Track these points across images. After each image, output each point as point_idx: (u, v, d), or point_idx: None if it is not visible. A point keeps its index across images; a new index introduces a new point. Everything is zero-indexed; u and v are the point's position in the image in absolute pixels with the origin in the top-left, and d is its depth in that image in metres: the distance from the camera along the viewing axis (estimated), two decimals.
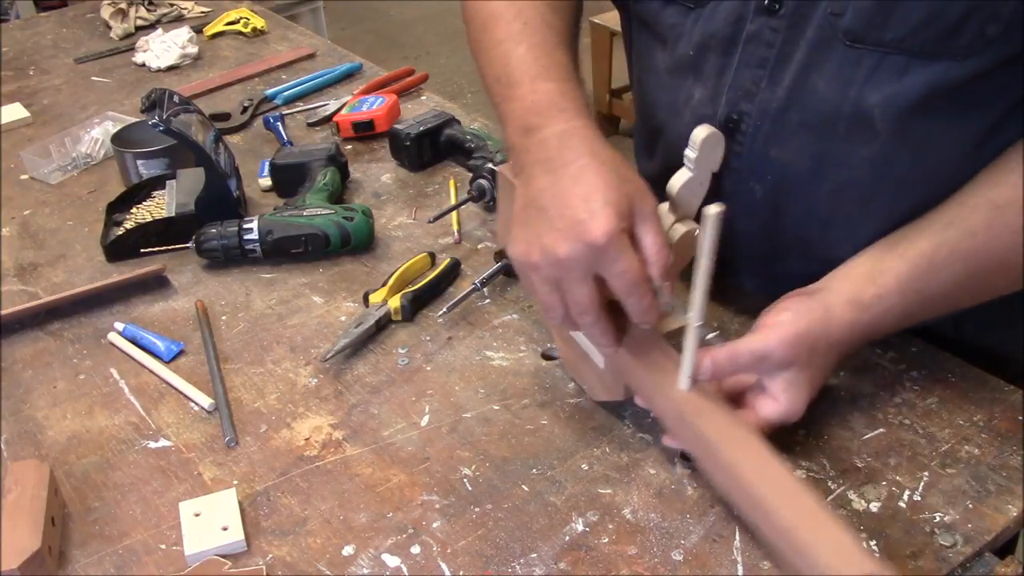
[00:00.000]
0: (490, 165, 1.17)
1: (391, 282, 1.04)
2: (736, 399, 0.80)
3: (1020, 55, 0.73)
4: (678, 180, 0.78)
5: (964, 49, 0.73)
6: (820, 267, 0.83)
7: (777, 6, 0.79)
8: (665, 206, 0.79)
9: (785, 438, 0.83)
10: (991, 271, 0.79)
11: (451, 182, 1.27)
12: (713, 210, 0.65)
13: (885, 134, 0.78)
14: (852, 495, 0.78)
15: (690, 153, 0.77)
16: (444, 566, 0.74)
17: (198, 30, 1.80)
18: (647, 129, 1.00)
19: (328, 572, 0.74)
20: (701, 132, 0.76)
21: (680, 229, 0.79)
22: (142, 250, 1.14)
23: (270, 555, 0.76)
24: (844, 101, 0.78)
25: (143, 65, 1.71)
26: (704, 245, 0.68)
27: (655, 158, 0.99)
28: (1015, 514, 0.75)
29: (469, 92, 4.09)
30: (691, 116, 0.88)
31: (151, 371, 0.96)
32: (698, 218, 0.77)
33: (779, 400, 0.77)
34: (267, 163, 1.31)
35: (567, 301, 0.74)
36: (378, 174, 1.31)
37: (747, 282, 0.97)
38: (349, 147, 1.38)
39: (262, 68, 1.67)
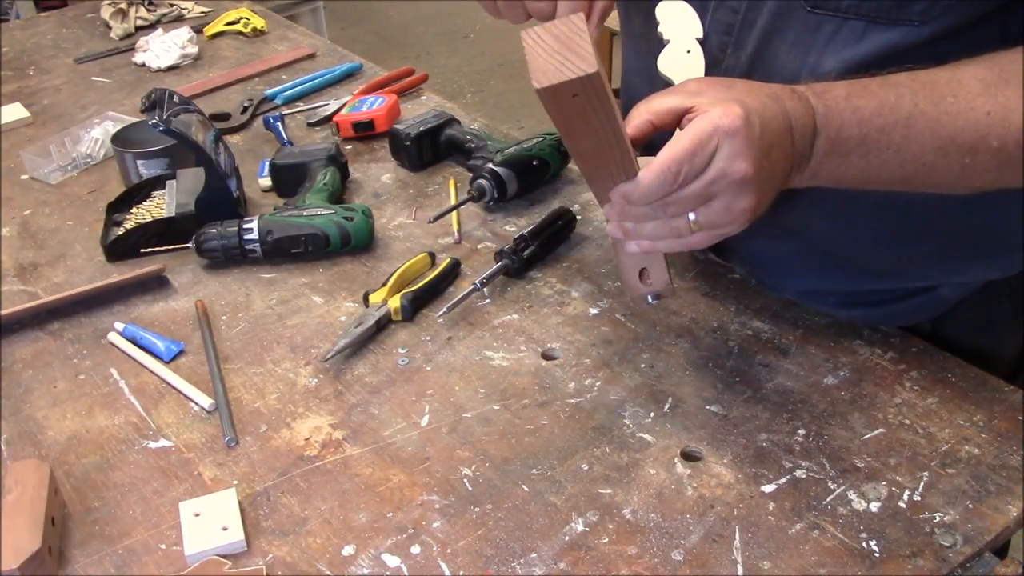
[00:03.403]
0: (490, 165, 1.17)
1: (391, 282, 1.04)
2: None
3: (978, 20, 0.73)
4: (662, 53, 0.86)
5: (921, 14, 0.73)
6: (791, 243, 0.83)
7: None
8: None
9: (785, 438, 0.83)
10: (953, 112, 0.71)
11: (451, 182, 1.27)
12: None
13: None
14: (852, 495, 0.78)
15: (660, 28, 0.85)
16: (444, 566, 0.74)
17: (198, 30, 1.80)
18: (627, 99, 1.01)
19: (328, 572, 0.74)
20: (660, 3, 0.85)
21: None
22: (142, 250, 1.14)
23: (270, 555, 0.76)
24: (803, 67, 0.79)
25: (143, 65, 1.71)
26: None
27: None
28: (1015, 514, 0.75)
29: (469, 92, 4.09)
30: (663, 83, 0.89)
31: (151, 371, 0.96)
32: None
33: (705, 107, 0.69)
34: (267, 163, 1.31)
35: None
36: (378, 174, 1.31)
37: (736, 265, 0.99)
38: (349, 147, 1.38)
39: (262, 68, 1.67)
